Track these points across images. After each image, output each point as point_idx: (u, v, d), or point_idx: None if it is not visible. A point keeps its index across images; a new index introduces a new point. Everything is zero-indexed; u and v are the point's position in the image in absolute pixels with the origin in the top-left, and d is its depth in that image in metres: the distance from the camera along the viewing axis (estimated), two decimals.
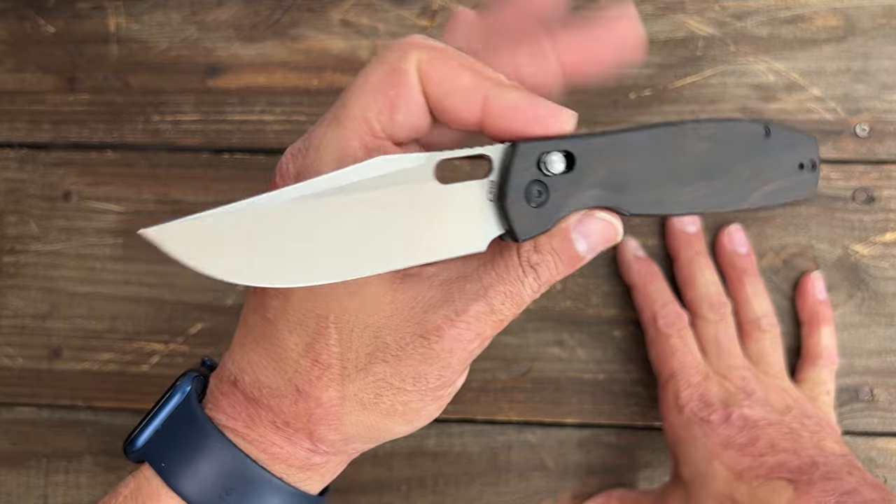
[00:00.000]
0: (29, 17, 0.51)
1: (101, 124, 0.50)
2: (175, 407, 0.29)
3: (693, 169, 0.29)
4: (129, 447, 0.29)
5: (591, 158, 0.27)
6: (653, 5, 0.48)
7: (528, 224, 0.26)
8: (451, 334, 0.27)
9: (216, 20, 0.50)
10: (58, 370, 0.49)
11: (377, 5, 0.50)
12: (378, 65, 0.27)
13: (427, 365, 0.27)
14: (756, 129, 0.30)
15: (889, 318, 0.46)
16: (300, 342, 0.28)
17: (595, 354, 0.47)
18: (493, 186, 0.26)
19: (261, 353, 0.28)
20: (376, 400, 0.28)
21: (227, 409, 0.29)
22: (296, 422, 0.28)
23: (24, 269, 0.50)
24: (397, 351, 0.27)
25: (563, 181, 0.27)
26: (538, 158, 0.26)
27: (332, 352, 0.27)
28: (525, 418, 0.47)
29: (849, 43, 0.48)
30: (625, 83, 0.48)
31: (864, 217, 0.47)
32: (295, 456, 0.29)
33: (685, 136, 0.29)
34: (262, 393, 0.28)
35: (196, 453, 0.28)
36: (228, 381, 0.29)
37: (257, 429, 0.28)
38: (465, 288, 0.27)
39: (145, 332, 0.49)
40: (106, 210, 0.50)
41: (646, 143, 0.28)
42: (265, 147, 0.49)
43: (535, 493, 0.47)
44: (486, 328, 0.27)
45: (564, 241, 0.27)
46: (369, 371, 0.27)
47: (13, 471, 0.49)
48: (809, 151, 0.32)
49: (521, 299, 0.28)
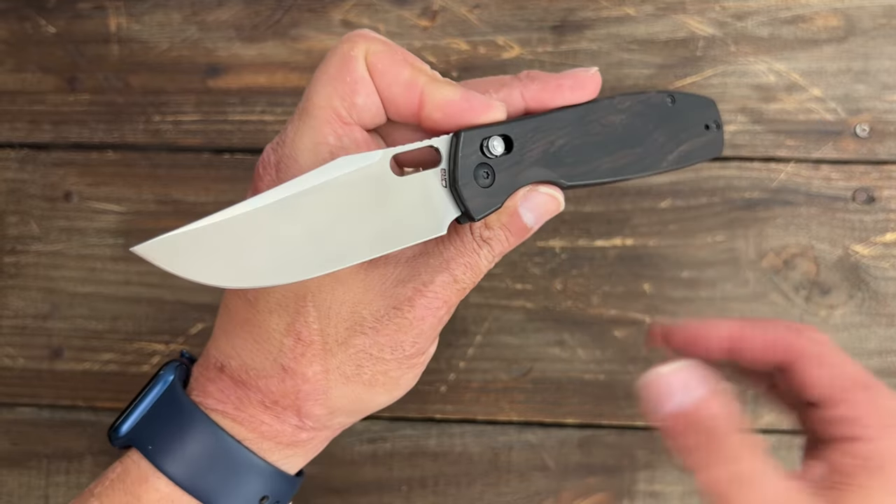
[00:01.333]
0: (30, 17, 0.51)
1: (101, 124, 0.50)
2: (160, 393, 0.30)
3: (614, 139, 0.32)
4: (114, 434, 0.30)
5: (527, 139, 0.30)
6: (653, 5, 0.48)
7: (481, 203, 0.29)
8: (422, 303, 0.29)
9: (217, 20, 0.50)
10: (58, 370, 0.49)
11: (378, 6, 0.50)
12: (332, 56, 0.30)
13: (402, 333, 0.29)
14: (663, 97, 0.34)
15: (889, 318, 0.46)
16: (281, 322, 0.29)
17: (596, 355, 0.47)
18: (445, 174, 0.29)
19: (245, 336, 0.30)
20: (358, 371, 0.30)
21: (216, 393, 0.30)
22: (284, 399, 0.29)
23: (24, 270, 0.50)
24: (374, 323, 0.29)
25: (506, 161, 0.29)
26: (480, 144, 0.29)
27: (313, 329, 0.29)
28: (526, 418, 0.47)
29: (849, 43, 0.48)
30: (625, 83, 0.48)
31: (865, 217, 0.47)
32: (283, 433, 0.30)
33: (604, 110, 0.32)
34: (249, 375, 0.30)
35: (182, 435, 0.29)
36: (215, 368, 0.31)
37: (247, 410, 0.30)
38: (428, 262, 0.30)
39: (146, 332, 0.49)
40: (106, 210, 0.50)
41: (571, 120, 0.31)
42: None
43: (535, 493, 0.47)
44: (451, 295, 0.30)
45: (513, 216, 0.30)
46: (349, 344, 0.29)
47: (14, 471, 0.49)
48: (712, 113, 0.35)
49: (478, 268, 0.30)
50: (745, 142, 0.48)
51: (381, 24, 0.49)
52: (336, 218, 0.27)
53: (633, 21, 0.49)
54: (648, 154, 0.33)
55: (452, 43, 0.49)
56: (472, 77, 0.49)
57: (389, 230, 0.28)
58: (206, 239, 0.25)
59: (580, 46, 0.49)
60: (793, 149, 0.47)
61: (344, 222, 0.27)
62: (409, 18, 0.50)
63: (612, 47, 0.48)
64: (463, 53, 0.49)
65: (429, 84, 0.29)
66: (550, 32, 0.49)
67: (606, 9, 0.49)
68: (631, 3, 0.49)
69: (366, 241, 0.27)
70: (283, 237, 0.26)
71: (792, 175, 0.47)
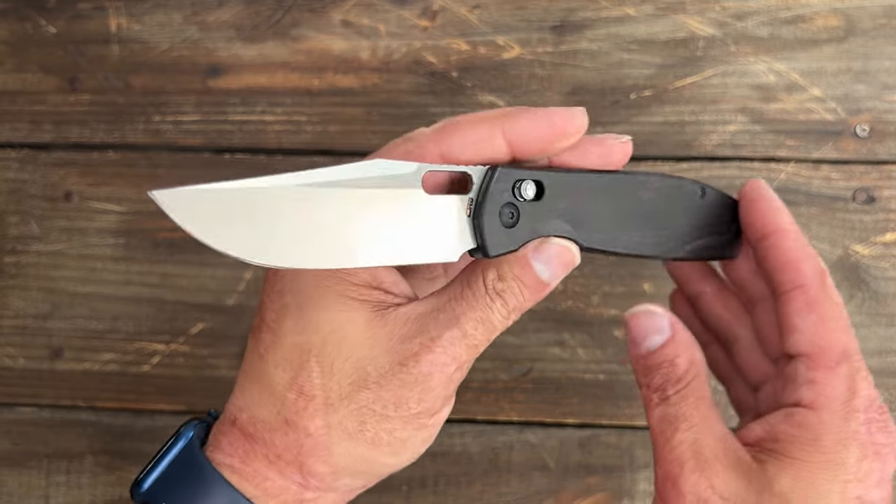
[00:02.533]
0: (30, 17, 0.51)
1: (102, 124, 0.50)
2: (179, 452, 0.31)
3: (639, 216, 0.32)
4: (136, 490, 0.30)
5: (558, 191, 0.30)
6: (653, 5, 0.49)
7: (499, 242, 0.29)
8: (428, 359, 0.28)
9: (217, 20, 0.50)
10: (59, 370, 0.49)
11: (378, 6, 0.50)
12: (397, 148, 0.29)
13: (407, 390, 0.29)
14: (694, 188, 0.34)
15: (889, 318, 0.46)
16: (286, 376, 0.29)
17: (596, 355, 0.47)
18: (472, 203, 0.28)
19: (255, 390, 0.30)
20: (361, 428, 0.29)
21: (226, 447, 0.30)
22: (287, 454, 0.29)
23: (25, 270, 0.50)
24: (377, 378, 0.29)
25: (533, 208, 0.29)
26: (514, 184, 0.29)
27: (315, 383, 0.29)
28: (526, 418, 0.48)
29: (849, 43, 0.48)
30: (625, 83, 0.48)
31: (865, 217, 0.47)
32: (287, 490, 0.30)
33: (636, 185, 0.32)
34: (256, 428, 0.30)
35: (197, 496, 0.29)
36: (228, 422, 0.31)
37: (252, 464, 0.30)
38: (438, 318, 0.29)
39: (146, 332, 0.49)
40: (107, 210, 0.50)
41: (603, 186, 0.31)
42: (266, 147, 0.49)
43: (535, 493, 0.47)
44: (461, 353, 0.29)
45: (525, 267, 0.29)
46: (352, 399, 0.29)
47: (14, 471, 0.49)
48: (738, 215, 0.35)
49: (491, 325, 0.29)
50: (745, 142, 0.48)
51: (382, 24, 0.50)
52: (361, 215, 0.27)
53: (633, 21, 0.49)
54: (669, 239, 0.33)
55: (452, 43, 0.49)
56: (472, 76, 0.49)
57: (405, 242, 0.27)
58: (230, 202, 0.25)
59: (580, 46, 0.49)
60: (793, 149, 0.47)
61: (365, 221, 0.27)
62: (409, 18, 0.50)
63: (612, 47, 0.48)
64: (463, 53, 0.49)
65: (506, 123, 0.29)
66: (550, 32, 0.49)
67: (606, 9, 0.49)
68: (631, 3, 0.49)
69: (380, 245, 0.27)
70: (305, 220, 0.26)
71: (792, 175, 0.47)
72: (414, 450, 0.31)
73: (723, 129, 0.48)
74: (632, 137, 0.32)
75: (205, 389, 0.49)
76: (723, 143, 0.48)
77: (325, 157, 0.49)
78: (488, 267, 0.29)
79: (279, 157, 0.49)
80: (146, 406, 0.49)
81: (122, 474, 0.49)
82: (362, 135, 0.49)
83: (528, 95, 0.48)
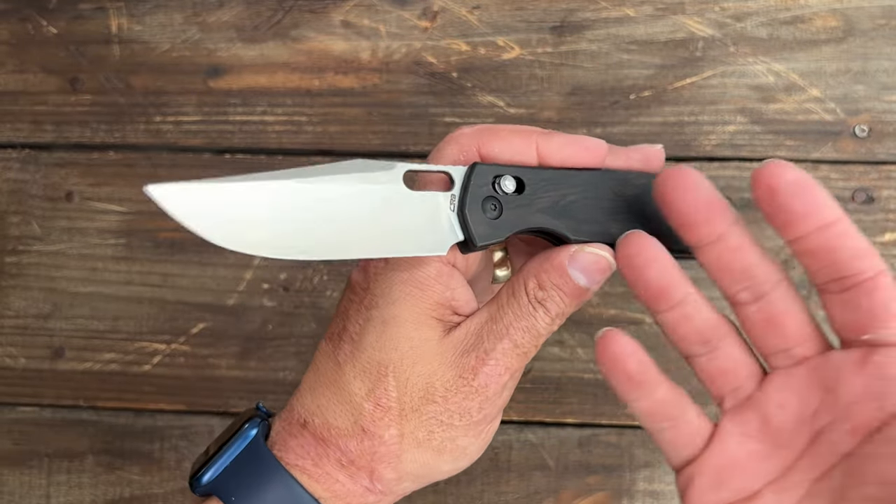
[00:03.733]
0: (31, 18, 0.51)
1: (103, 125, 0.50)
2: (243, 447, 0.32)
3: (625, 210, 0.33)
4: (196, 483, 0.32)
5: (538, 186, 0.31)
6: (653, 6, 0.49)
7: (484, 233, 0.30)
8: (484, 371, 0.31)
9: (218, 21, 0.50)
10: (60, 370, 0.49)
11: (378, 6, 0.50)
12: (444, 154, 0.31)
13: (469, 401, 0.31)
14: None
15: None
16: (364, 387, 0.31)
17: (595, 354, 0.47)
18: (454, 199, 0.30)
19: (329, 396, 0.32)
20: (429, 437, 0.31)
21: (297, 448, 0.32)
22: (360, 460, 0.31)
23: (26, 270, 0.50)
24: (444, 392, 0.31)
25: (515, 201, 0.30)
26: (493, 179, 0.30)
27: (391, 396, 0.31)
28: (526, 418, 0.48)
29: (848, 44, 0.48)
30: (625, 84, 0.48)
31: (864, 217, 0.47)
32: (354, 494, 0.31)
33: (619, 181, 0.33)
34: (331, 434, 0.31)
35: (264, 490, 0.31)
36: (298, 423, 0.32)
37: (324, 467, 0.31)
38: (491, 330, 0.31)
39: (147, 331, 0.49)
40: (108, 210, 0.50)
41: (585, 181, 0.32)
42: (266, 148, 0.49)
43: (535, 492, 0.47)
44: (513, 362, 0.31)
45: (563, 276, 0.31)
46: (422, 411, 0.31)
47: (15, 470, 0.49)
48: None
49: (537, 332, 0.31)
50: (745, 142, 0.48)
51: (382, 24, 0.50)
52: (346, 211, 0.28)
53: (633, 22, 0.49)
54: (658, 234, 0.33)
55: (452, 44, 0.49)
56: (472, 77, 0.49)
57: (393, 236, 0.29)
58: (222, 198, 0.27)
59: (580, 47, 0.49)
60: (792, 149, 0.48)
61: (350, 219, 0.28)
62: (409, 19, 0.50)
63: (612, 48, 0.49)
64: (463, 54, 0.49)
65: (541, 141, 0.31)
66: (550, 33, 0.49)
67: (606, 9, 0.49)
68: (630, 4, 0.49)
69: (369, 239, 0.29)
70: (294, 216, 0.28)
71: None
72: (471, 456, 0.33)
73: (722, 130, 0.48)
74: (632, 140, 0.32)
75: (205, 389, 0.49)
76: (722, 144, 0.48)
77: (326, 158, 0.49)
78: (529, 276, 0.31)
79: (279, 157, 0.49)
80: (147, 406, 0.49)
81: (123, 474, 0.49)
82: (362, 135, 0.49)
83: (528, 96, 0.49)
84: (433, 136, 0.49)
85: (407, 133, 0.49)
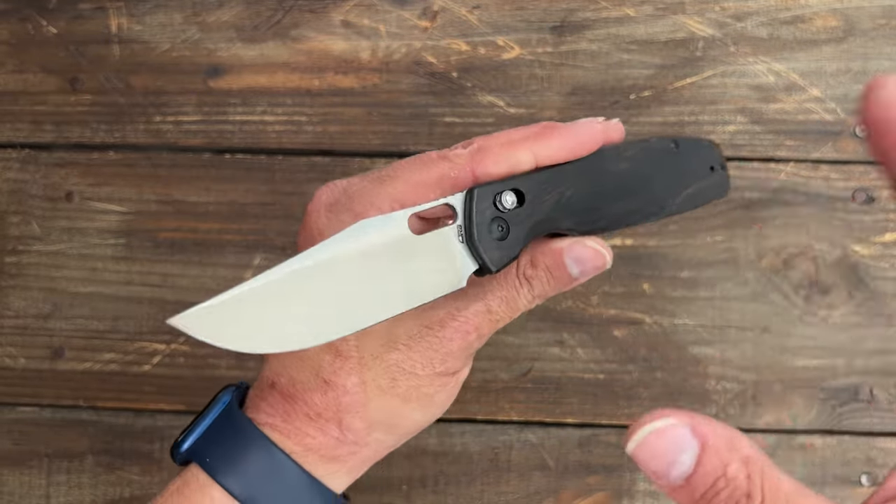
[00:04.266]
0: (31, 17, 0.51)
1: (102, 125, 0.50)
2: (219, 413, 0.33)
3: (622, 186, 0.33)
4: (176, 450, 0.32)
5: (538, 191, 0.31)
6: (653, 6, 0.49)
7: (496, 256, 0.30)
8: (452, 325, 0.31)
9: (218, 21, 0.50)
10: (60, 370, 0.49)
11: (378, 6, 0.50)
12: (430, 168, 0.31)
13: (433, 351, 0.31)
14: (666, 143, 0.34)
15: (889, 318, 0.46)
16: None
17: (595, 354, 0.47)
18: (461, 230, 0.30)
19: (291, 355, 0.32)
20: (393, 384, 0.32)
21: (266, 408, 0.32)
22: (326, 411, 0.31)
23: (26, 270, 0.50)
24: (407, 340, 0.31)
25: (519, 214, 0.30)
26: (493, 199, 0.30)
27: (350, 345, 0.31)
28: (526, 418, 0.48)
29: (848, 43, 0.48)
30: (625, 84, 0.48)
31: (864, 217, 0.47)
32: (325, 446, 0.32)
33: (610, 159, 0.33)
34: (296, 389, 0.32)
35: (238, 450, 0.31)
36: (267, 385, 0.33)
37: (293, 422, 0.32)
38: (467, 291, 0.31)
39: (147, 331, 0.49)
40: (108, 210, 0.50)
41: (579, 170, 0.32)
42: (266, 147, 0.49)
43: (535, 492, 0.47)
44: (483, 325, 0.31)
45: (557, 261, 0.31)
46: (384, 358, 0.31)
47: (15, 471, 0.49)
48: (714, 155, 0.36)
49: (515, 305, 0.32)
50: (745, 142, 0.48)
51: (382, 24, 0.50)
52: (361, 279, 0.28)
53: (633, 21, 0.49)
54: (656, 198, 0.34)
55: (452, 43, 0.49)
56: (472, 77, 0.49)
57: (412, 287, 0.29)
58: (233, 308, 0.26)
59: (580, 47, 0.49)
60: (792, 149, 0.48)
61: (368, 284, 0.28)
62: (409, 19, 0.50)
63: (612, 48, 0.49)
64: (463, 54, 0.49)
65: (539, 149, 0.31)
66: (550, 33, 0.49)
67: (606, 9, 0.49)
68: (630, 4, 0.49)
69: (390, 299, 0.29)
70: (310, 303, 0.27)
71: (791, 175, 0.47)
72: (440, 405, 0.33)
73: (722, 130, 0.48)
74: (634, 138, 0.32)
75: (205, 389, 0.49)
76: (722, 144, 0.48)
77: (326, 158, 0.49)
78: (524, 252, 0.31)
79: (279, 157, 0.49)
80: (147, 406, 0.49)
81: (123, 474, 0.49)
82: (362, 135, 0.49)
83: (528, 96, 0.49)
84: (433, 136, 0.49)
85: (407, 133, 0.49)
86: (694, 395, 0.47)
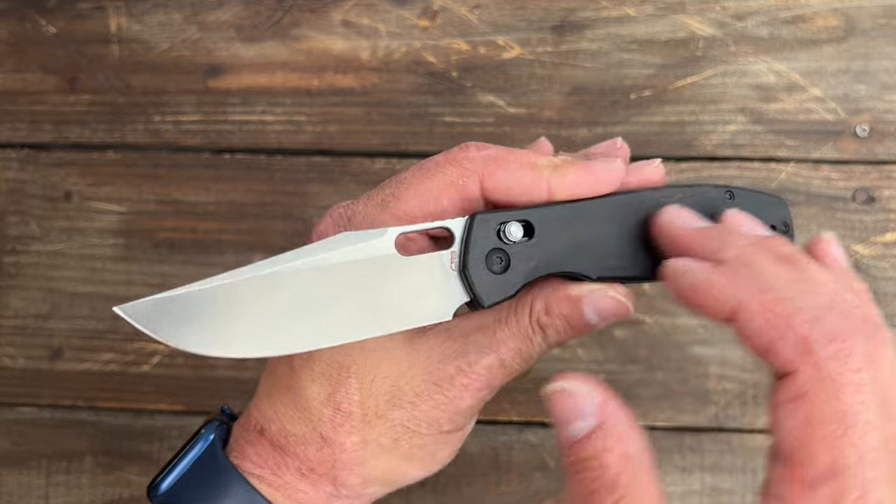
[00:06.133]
0: (30, 17, 0.51)
1: (102, 124, 0.50)
2: (200, 453, 0.30)
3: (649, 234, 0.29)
4: (154, 491, 0.30)
5: (551, 227, 0.28)
6: (653, 5, 0.49)
7: (491, 290, 0.27)
8: (462, 383, 0.29)
9: (217, 20, 0.50)
10: (59, 370, 0.49)
11: (378, 6, 0.50)
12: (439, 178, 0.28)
13: (440, 411, 0.29)
14: (720, 193, 0.30)
15: (889, 318, 0.46)
16: (323, 391, 0.29)
17: (595, 354, 0.47)
18: (455, 257, 0.27)
19: (287, 402, 0.30)
20: (394, 444, 0.29)
21: (254, 457, 0.30)
22: (320, 467, 0.29)
23: (25, 270, 0.50)
24: (413, 398, 0.29)
25: (524, 248, 0.28)
26: (497, 228, 0.27)
27: (353, 400, 0.29)
28: (526, 418, 0.48)
29: (849, 43, 0.48)
30: (625, 83, 0.48)
31: (865, 217, 0.47)
32: (317, 501, 0.30)
33: (645, 203, 0.29)
34: (288, 441, 0.30)
35: (220, 498, 0.29)
36: (255, 430, 0.31)
37: (284, 476, 0.30)
38: (478, 341, 0.29)
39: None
40: (107, 210, 0.50)
41: (606, 212, 0.28)
42: (266, 147, 0.49)
43: (536, 492, 0.47)
44: (495, 379, 0.29)
45: (574, 309, 0.28)
46: (387, 417, 0.29)
47: (14, 471, 0.49)
48: (780, 213, 0.31)
49: (529, 355, 0.29)
50: (746, 142, 0.48)
51: (382, 24, 0.50)
52: (337, 291, 0.26)
53: (633, 21, 0.49)
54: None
55: (452, 43, 0.49)
56: (472, 76, 0.49)
57: (391, 311, 0.27)
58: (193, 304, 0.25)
59: (580, 46, 0.49)
60: (793, 149, 0.47)
61: (342, 299, 0.26)
62: (409, 18, 0.50)
63: (612, 47, 0.49)
64: (463, 53, 0.49)
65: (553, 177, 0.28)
66: (550, 32, 0.49)
67: (606, 9, 0.49)
68: (631, 3, 0.49)
69: (364, 319, 0.26)
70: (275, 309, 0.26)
71: (792, 175, 0.47)
72: (443, 461, 0.31)
73: (723, 130, 0.48)
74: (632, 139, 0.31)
75: (204, 389, 0.49)
76: (723, 143, 0.48)
77: (325, 157, 0.49)
78: (537, 297, 0.29)
79: (279, 157, 0.49)
80: (146, 406, 0.49)
81: (122, 474, 0.49)
82: (362, 135, 0.49)
83: (528, 95, 0.48)
84: (433, 136, 0.49)
85: (407, 133, 0.49)
86: (694, 395, 0.47)
